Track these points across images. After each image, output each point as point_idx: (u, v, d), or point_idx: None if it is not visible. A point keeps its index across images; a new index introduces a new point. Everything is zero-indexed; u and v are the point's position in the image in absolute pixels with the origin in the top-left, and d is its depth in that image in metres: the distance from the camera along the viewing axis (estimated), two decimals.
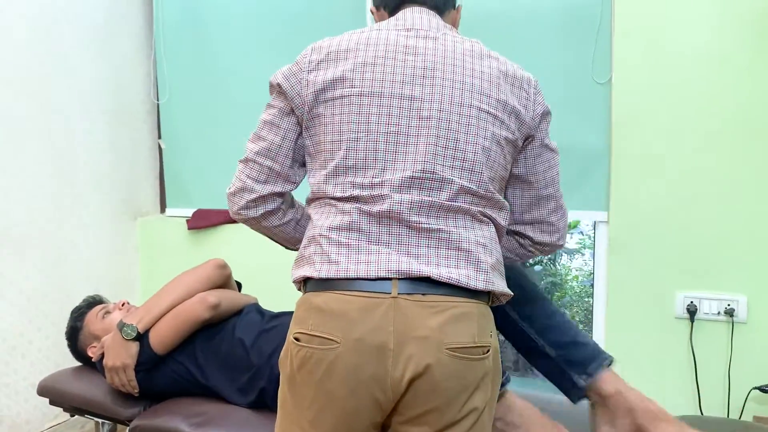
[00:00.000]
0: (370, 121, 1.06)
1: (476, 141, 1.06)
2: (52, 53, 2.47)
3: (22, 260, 2.36)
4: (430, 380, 0.98)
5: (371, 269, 1.00)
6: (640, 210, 2.12)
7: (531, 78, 1.17)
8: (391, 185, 1.04)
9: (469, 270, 1.02)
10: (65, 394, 1.75)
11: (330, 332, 0.99)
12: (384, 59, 1.09)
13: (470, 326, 1.00)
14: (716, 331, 2.06)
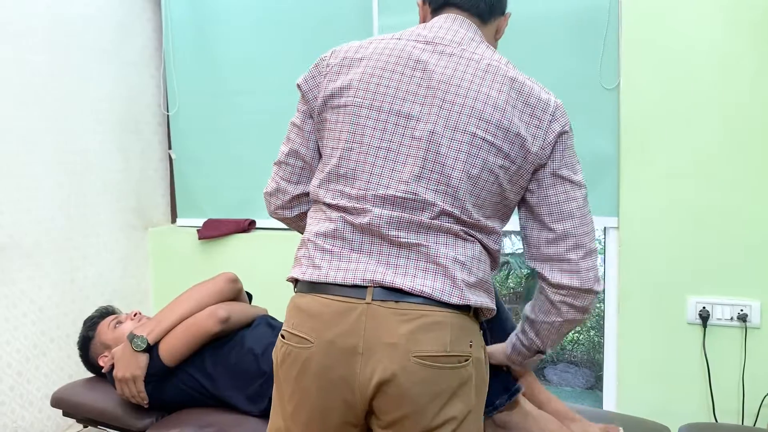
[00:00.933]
0: (365, 133, 1.08)
1: (464, 168, 1.05)
2: (63, 65, 2.49)
3: (35, 271, 2.38)
4: (398, 386, 1.00)
5: (349, 276, 1.03)
6: (651, 215, 2.11)
7: (551, 102, 1.10)
8: (374, 200, 1.05)
9: (445, 285, 1.03)
10: (78, 406, 1.76)
11: (306, 332, 1.04)
12: (392, 72, 1.09)
13: (442, 335, 1.01)
14: (729, 336, 2.05)
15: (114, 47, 2.75)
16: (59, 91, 2.48)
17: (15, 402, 2.31)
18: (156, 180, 3.03)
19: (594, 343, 8.89)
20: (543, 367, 9.01)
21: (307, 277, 1.07)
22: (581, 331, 9.30)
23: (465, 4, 1.18)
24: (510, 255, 9.51)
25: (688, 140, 2.05)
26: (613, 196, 2.18)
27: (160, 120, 3.03)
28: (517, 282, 9.61)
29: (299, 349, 1.05)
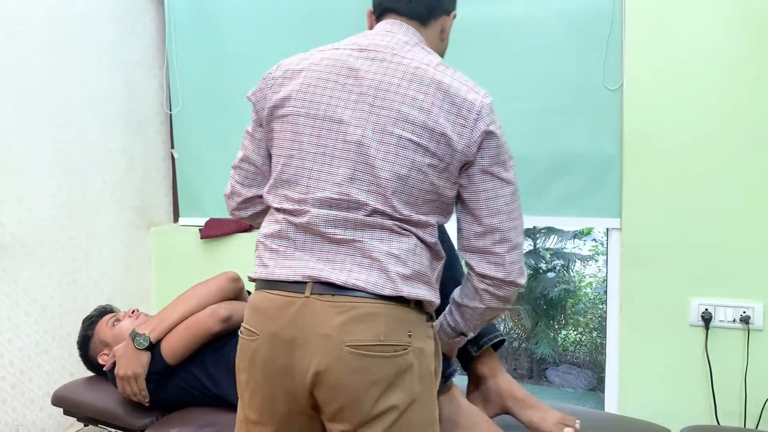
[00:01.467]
0: (303, 140, 1.15)
1: (392, 168, 1.10)
2: (64, 65, 2.50)
3: (37, 270, 2.39)
4: (333, 375, 1.06)
5: (291, 273, 1.10)
6: (653, 216, 2.11)
7: (477, 102, 1.14)
8: (313, 203, 1.12)
9: (378, 278, 1.08)
10: (78, 404, 1.76)
11: (254, 326, 1.14)
12: (326, 81, 1.16)
13: (375, 326, 1.06)
14: (732, 338, 2.04)
15: (116, 46, 2.75)
16: (61, 90, 2.48)
17: (16, 400, 2.32)
18: (158, 179, 3.03)
19: (596, 344, 8.88)
20: (545, 369, 9.00)
21: (257, 276, 1.16)
22: (584, 333, 9.29)
23: (403, 9, 1.24)
24: None
25: (691, 142, 2.05)
26: (615, 197, 2.18)
27: (163, 119, 3.03)
28: None
29: (249, 341, 1.14)
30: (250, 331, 1.14)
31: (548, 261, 9.57)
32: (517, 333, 9.54)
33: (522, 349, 9.33)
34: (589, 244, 9.43)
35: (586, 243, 9.44)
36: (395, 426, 1.08)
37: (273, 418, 1.14)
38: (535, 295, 9.27)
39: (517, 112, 2.29)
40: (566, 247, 9.60)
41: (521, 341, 9.43)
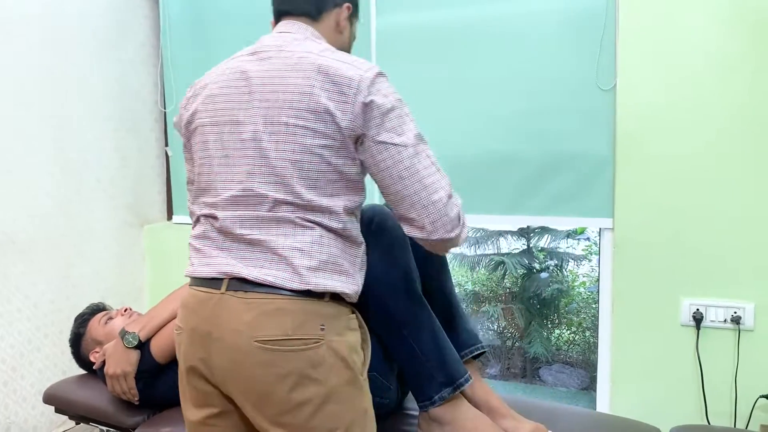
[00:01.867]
0: (209, 147, 1.22)
1: (285, 156, 1.14)
2: (59, 62, 2.49)
3: (30, 267, 2.38)
4: (244, 369, 1.11)
5: (210, 270, 1.16)
6: (646, 217, 2.12)
7: (356, 77, 1.15)
8: (224, 204, 1.18)
9: (286, 272, 1.12)
10: (70, 402, 1.76)
11: (180, 320, 1.21)
12: (224, 89, 1.22)
13: (283, 320, 1.10)
14: (723, 338, 2.05)
15: (111, 44, 2.75)
16: (56, 88, 2.48)
17: (8, 398, 2.31)
18: (152, 177, 3.03)
19: (589, 343, 8.91)
20: (538, 368, 9.02)
21: (186, 274, 1.23)
22: (577, 332, 9.32)
23: (293, 10, 1.32)
24: (506, 255, 9.53)
25: (684, 142, 2.06)
26: (608, 197, 2.19)
27: (157, 117, 3.03)
28: (513, 282, 9.62)
29: (177, 335, 1.22)
30: (178, 325, 1.23)
31: (542, 261, 9.59)
32: (510, 332, 9.56)
33: (515, 349, 9.35)
34: (583, 243, 9.46)
35: (580, 242, 9.47)
36: (313, 419, 1.12)
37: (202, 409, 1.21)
38: (528, 294, 9.29)
39: (510, 111, 2.30)
40: (560, 246, 9.62)
41: (514, 340, 9.45)
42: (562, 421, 1.50)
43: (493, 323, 9.72)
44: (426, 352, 1.33)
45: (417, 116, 2.48)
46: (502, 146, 2.32)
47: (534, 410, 1.53)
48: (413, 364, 1.34)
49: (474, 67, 2.35)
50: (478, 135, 2.35)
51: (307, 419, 1.11)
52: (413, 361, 1.34)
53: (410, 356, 1.34)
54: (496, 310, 9.52)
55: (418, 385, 1.35)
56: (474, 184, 2.37)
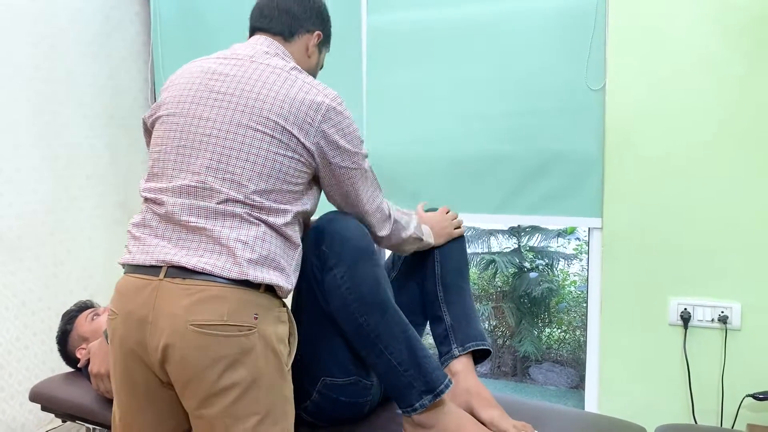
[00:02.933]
0: (167, 136, 1.28)
1: (246, 158, 1.22)
2: (49, 57, 2.48)
3: (17, 265, 2.37)
4: (178, 351, 1.15)
5: (148, 258, 1.20)
6: (634, 216, 2.13)
7: (324, 104, 1.26)
8: (173, 191, 1.23)
9: (226, 262, 1.17)
10: (56, 401, 1.75)
11: (114, 306, 1.25)
12: (192, 84, 1.29)
13: (219, 306, 1.15)
14: (710, 338, 2.07)
15: (101, 41, 2.73)
16: (45, 84, 2.46)
17: None
18: (142, 174, 3.01)
19: (579, 342, 8.94)
20: (528, 366, 9.05)
21: (121, 261, 1.27)
22: (567, 331, 9.35)
23: (265, 27, 1.43)
24: (497, 254, 9.54)
25: (673, 142, 2.07)
26: (597, 197, 2.20)
27: None
28: (504, 281, 9.64)
29: (111, 321, 1.25)
30: (112, 311, 1.25)
31: (531, 260, 9.62)
32: (500, 331, 9.58)
33: (505, 347, 9.38)
34: (573, 243, 9.49)
35: (571, 242, 9.51)
36: (239, 402, 1.17)
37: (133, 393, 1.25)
38: (519, 293, 9.32)
39: (499, 111, 2.30)
40: (550, 246, 9.65)
41: (505, 339, 9.47)
42: (550, 420, 1.50)
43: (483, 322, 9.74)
44: (403, 363, 1.33)
45: (407, 116, 2.50)
46: (492, 146, 2.32)
47: (522, 409, 1.54)
48: (392, 375, 1.34)
49: (464, 67, 2.35)
50: (468, 134, 2.36)
51: (232, 403, 1.16)
52: (391, 373, 1.34)
53: (388, 368, 1.34)
54: (486, 309, 9.54)
55: (398, 394, 1.36)
56: (464, 183, 2.38)
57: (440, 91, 2.39)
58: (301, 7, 1.45)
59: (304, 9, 1.46)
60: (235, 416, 1.17)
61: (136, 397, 1.26)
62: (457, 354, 1.54)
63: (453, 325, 1.58)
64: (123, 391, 1.27)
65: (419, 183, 2.44)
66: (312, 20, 1.47)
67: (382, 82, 2.49)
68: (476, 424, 1.38)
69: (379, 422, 1.52)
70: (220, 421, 1.17)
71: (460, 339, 1.56)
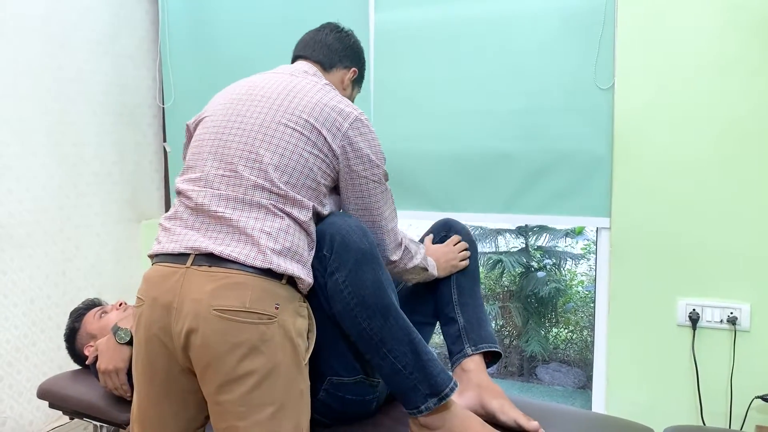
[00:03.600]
0: (205, 132, 1.37)
1: (275, 150, 1.29)
2: (58, 56, 2.49)
3: (26, 262, 2.38)
4: (200, 335, 1.17)
5: (177, 246, 1.24)
6: (642, 216, 2.12)
7: (352, 114, 1.36)
8: (204, 181, 1.30)
9: (251, 251, 1.21)
10: (64, 398, 1.76)
11: (141, 294, 1.28)
12: (233, 94, 1.40)
13: (242, 293, 1.19)
14: (719, 339, 2.05)
15: (110, 39, 2.74)
16: (54, 83, 2.47)
17: (4, 392, 2.31)
18: (150, 172, 3.02)
19: (587, 342, 8.92)
20: (535, 366, 9.03)
21: (151, 252, 1.31)
22: (574, 331, 9.33)
23: (308, 55, 1.57)
24: (504, 253, 9.53)
25: (682, 142, 2.06)
26: (605, 196, 2.19)
27: (156, 112, 3.02)
28: (510, 280, 9.62)
29: (137, 308, 1.29)
30: (138, 298, 1.29)
31: (539, 260, 9.59)
32: (507, 330, 9.57)
33: (512, 347, 9.36)
34: (581, 242, 9.47)
35: (579, 242, 9.48)
36: (255, 391, 1.18)
37: (153, 382, 1.27)
38: (526, 293, 9.30)
39: (508, 110, 2.30)
40: (558, 245, 9.62)
41: (512, 339, 9.46)
42: (556, 420, 1.50)
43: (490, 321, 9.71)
44: (407, 366, 1.33)
45: (414, 113, 2.49)
46: (500, 144, 2.32)
47: (529, 409, 1.53)
48: (396, 378, 1.34)
49: (471, 65, 2.35)
50: (476, 133, 2.35)
51: (249, 390, 1.18)
52: (396, 375, 1.34)
53: (393, 372, 1.34)
54: (493, 309, 9.53)
55: (404, 397, 1.36)
56: (472, 182, 2.37)
57: (448, 88, 2.39)
58: (342, 44, 1.60)
59: (344, 47, 1.60)
60: (251, 404, 1.18)
61: (155, 386, 1.28)
62: (470, 353, 1.56)
63: (466, 327, 1.60)
64: (143, 379, 1.29)
65: (426, 181, 2.44)
66: (350, 57, 1.61)
67: (389, 80, 2.48)
68: (483, 424, 1.38)
69: (386, 421, 1.52)
70: (236, 408, 1.18)
71: (473, 340, 1.58)
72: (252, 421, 1.19)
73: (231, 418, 1.19)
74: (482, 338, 1.59)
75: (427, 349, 1.37)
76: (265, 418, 1.19)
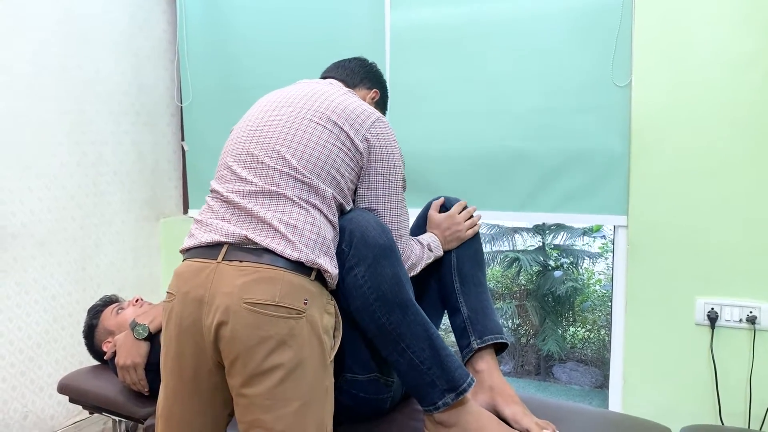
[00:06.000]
0: (238, 133, 1.42)
1: (300, 140, 1.34)
2: (77, 57, 2.52)
3: (47, 259, 2.42)
4: (230, 328, 1.19)
5: (210, 236, 1.28)
6: (660, 214, 2.10)
7: (374, 115, 1.43)
8: (234, 177, 1.34)
9: (279, 244, 1.24)
10: (83, 393, 1.78)
11: (172, 288, 1.30)
12: (266, 101, 1.47)
13: (272, 288, 1.21)
14: (738, 338, 2.03)
15: (128, 39, 2.77)
16: (73, 82, 2.51)
17: (26, 387, 2.35)
18: (169, 171, 3.05)
19: (604, 342, 8.86)
20: (551, 365, 8.99)
21: (183, 247, 1.34)
22: (591, 330, 9.27)
23: (333, 75, 1.65)
24: (521, 252, 9.49)
25: (699, 139, 2.04)
26: (622, 194, 2.17)
27: (174, 112, 3.05)
28: (527, 279, 9.58)
29: (168, 303, 1.30)
30: (169, 293, 1.31)
31: (556, 258, 9.54)
32: (524, 329, 9.53)
33: (529, 346, 9.32)
34: (599, 241, 9.40)
35: (596, 240, 9.41)
36: (281, 385, 1.19)
37: (180, 377, 1.29)
38: (542, 291, 9.25)
39: (524, 108, 2.29)
40: (575, 244, 9.56)
41: (528, 338, 9.42)
42: (573, 419, 1.49)
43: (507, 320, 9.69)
44: (425, 361, 1.33)
45: (430, 112, 2.49)
46: (517, 143, 2.31)
47: (545, 408, 1.53)
48: (414, 374, 1.34)
49: (489, 64, 2.34)
50: (492, 131, 2.35)
51: (275, 384, 1.19)
52: (414, 371, 1.34)
53: (410, 367, 1.34)
54: (510, 307, 9.49)
55: (421, 393, 1.36)
56: (489, 181, 2.37)
57: (463, 88, 2.38)
58: (364, 69, 1.70)
59: (366, 72, 1.69)
60: (277, 398, 1.20)
61: (183, 382, 1.29)
62: (476, 347, 1.54)
63: (470, 317, 1.58)
64: (171, 375, 1.31)
65: (443, 180, 2.44)
66: (371, 80, 1.70)
67: (405, 79, 2.49)
68: (499, 423, 1.38)
69: (400, 420, 1.52)
70: (262, 401, 1.20)
71: (479, 331, 1.56)
72: (277, 415, 1.20)
73: (257, 411, 1.20)
74: (488, 329, 1.56)
75: (445, 345, 1.37)
76: (290, 413, 1.20)
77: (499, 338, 1.56)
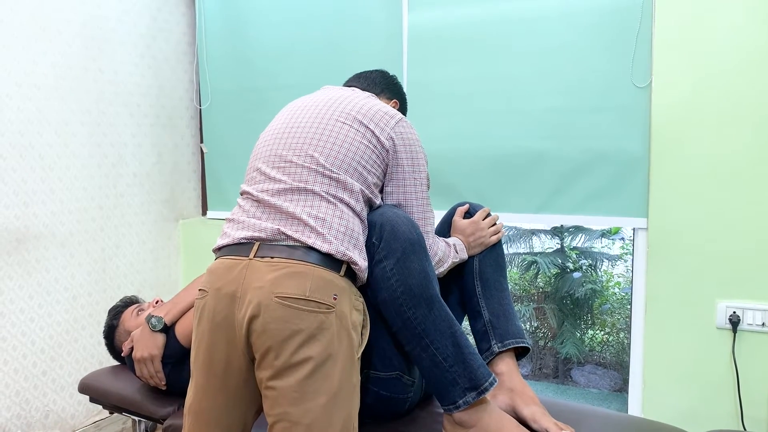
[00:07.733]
0: (265, 137, 1.47)
1: (327, 139, 1.38)
2: (98, 59, 2.55)
3: (68, 260, 2.45)
4: (261, 321, 1.22)
5: (243, 233, 1.32)
6: (680, 216, 2.08)
7: (397, 116, 1.48)
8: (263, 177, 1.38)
9: (308, 238, 1.27)
10: (103, 392, 1.80)
11: (205, 285, 1.33)
12: (293, 105, 1.52)
13: (303, 282, 1.23)
14: (760, 342, 2.00)
15: (148, 43, 2.80)
16: (93, 85, 2.54)
17: (47, 386, 2.38)
18: (188, 173, 3.08)
19: (623, 345, 8.77)
20: (570, 369, 8.91)
21: (216, 246, 1.38)
22: (610, 333, 9.18)
23: (356, 84, 1.70)
24: (539, 254, 9.42)
25: (720, 141, 2.01)
26: (642, 196, 2.15)
27: (193, 114, 3.08)
28: (546, 281, 9.51)
29: (201, 300, 1.33)
30: (202, 290, 1.34)
31: (575, 260, 9.46)
32: (542, 332, 9.46)
33: (547, 349, 9.25)
34: (619, 243, 9.30)
35: (615, 242, 9.32)
36: (310, 378, 1.21)
37: (211, 372, 1.30)
38: (561, 294, 9.17)
39: (543, 108, 2.28)
40: (594, 246, 9.48)
41: (546, 340, 9.35)
42: (592, 423, 1.48)
43: (525, 323, 9.63)
44: (448, 358, 1.33)
45: (448, 113, 2.49)
46: (535, 144, 2.30)
47: (563, 411, 1.51)
48: (436, 371, 1.34)
49: (506, 64, 2.33)
50: (511, 133, 2.34)
51: (304, 378, 1.20)
52: (436, 368, 1.34)
53: (433, 364, 1.34)
54: (528, 310, 9.43)
55: (442, 391, 1.35)
56: (507, 183, 2.36)
57: (482, 88, 2.38)
58: (386, 80, 1.74)
59: (387, 83, 1.74)
60: (305, 391, 1.21)
61: (213, 378, 1.30)
62: (497, 350, 1.54)
63: (491, 321, 1.58)
64: (202, 370, 1.32)
65: (461, 180, 2.43)
66: (393, 92, 1.74)
67: (423, 79, 2.48)
68: (517, 425, 1.37)
69: (419, 420, 1.52)
70: (291, 393, 1.21)
71: (500, 335, 1.56)
72: (304, 408, 1.20)
73: (285, 403, 1.21)
74: (509, 333, 1.57)
75: (468, 343, 1.37)
76: (318, 407, 1.21)
77: (521, 342, 1.56)
